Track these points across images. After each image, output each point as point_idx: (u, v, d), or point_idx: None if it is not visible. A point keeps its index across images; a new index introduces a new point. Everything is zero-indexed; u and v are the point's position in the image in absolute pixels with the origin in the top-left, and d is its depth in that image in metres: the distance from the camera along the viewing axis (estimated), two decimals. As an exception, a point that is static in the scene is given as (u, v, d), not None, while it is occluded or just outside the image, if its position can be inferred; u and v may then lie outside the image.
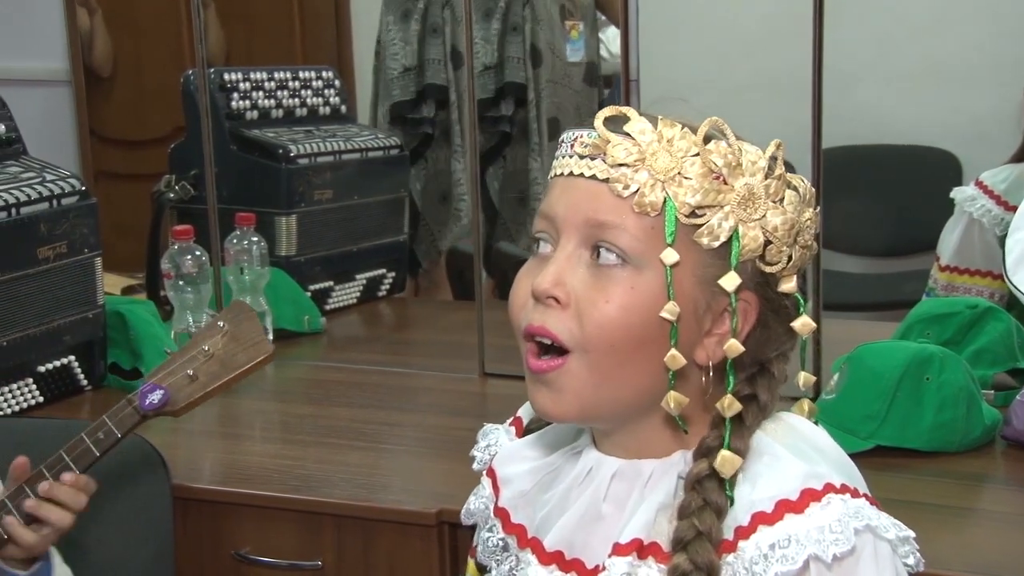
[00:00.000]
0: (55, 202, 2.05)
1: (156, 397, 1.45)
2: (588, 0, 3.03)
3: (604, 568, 1.06)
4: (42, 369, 2.08)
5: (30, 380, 2.06)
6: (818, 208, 1.10)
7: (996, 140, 2.25)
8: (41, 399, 2.07)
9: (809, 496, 1.01)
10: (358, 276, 2.72)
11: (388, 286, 2.79)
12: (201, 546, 1.78)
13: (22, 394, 2.05)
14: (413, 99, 3.09)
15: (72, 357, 2.12)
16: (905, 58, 2.44)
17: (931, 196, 2.30)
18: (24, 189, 2.03)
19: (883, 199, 2.51)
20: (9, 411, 2.02)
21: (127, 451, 1.73)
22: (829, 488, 1.02)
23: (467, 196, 3.06)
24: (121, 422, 1.46)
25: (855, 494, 1.03)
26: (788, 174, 1.07)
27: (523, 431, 1.24)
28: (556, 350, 1.06)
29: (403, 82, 3.11)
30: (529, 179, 3.09)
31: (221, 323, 1.48)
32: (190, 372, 1.45)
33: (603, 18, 3.16)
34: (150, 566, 1.74)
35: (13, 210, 1.99)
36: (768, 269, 1.06)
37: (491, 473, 1.22)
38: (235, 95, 2.59)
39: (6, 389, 2.03)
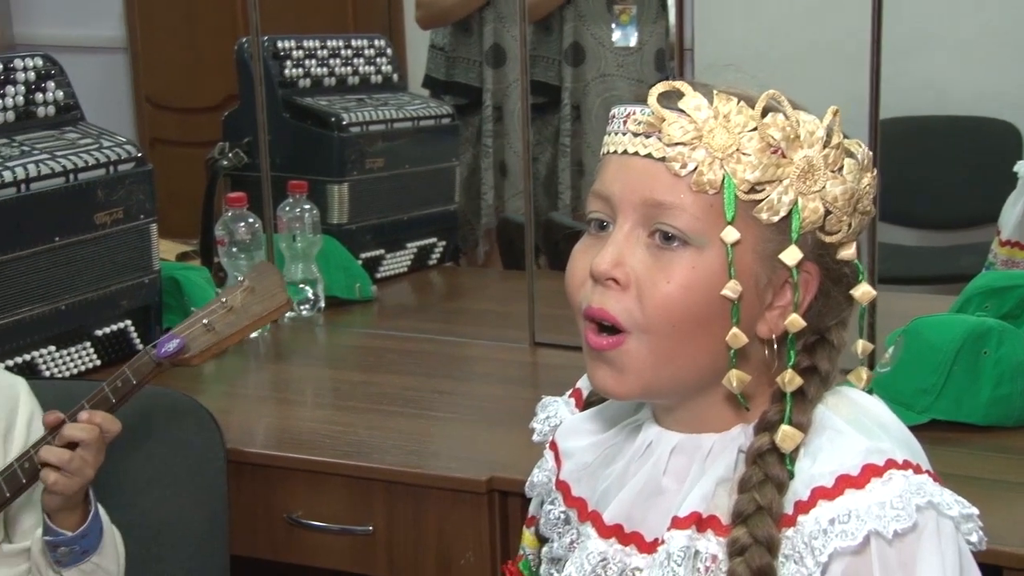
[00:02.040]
0: (112, 168, 2.07)
1: (171, 346, 1.46)
2: None
3: (663, 541, 1.06)
4: (99, 333, 2.10)
5: (88, 344, 2.08)
6: (875, 171, 1.09)
7: None
8: (99, 362, 2.09)
9: (871, 471, 1.00)
10: (409, 245, 2.73)
11: (438, 255, 2.80)
12: (254, 509, 1.80)
13: (80, 357, 2.07)
14: (444, 81, 3.08)
15: (128, 321, 2.14)
16: (967, 27, 2.39)
17: (991, 168, 2.27)
18: (82, 155, 2.05)
19: (941, 171, 2.48)
20: (67, 373, 2.04)
21: (182, 415, 1.78)
22: (891, 464, 1.01)
23: (491, 190, 3.06)
24: (138, 370, 1.48)
25: (917, 470, 1.02)
26: (845, 140, 1.06)
27: (583, 404, 1.24)
28: (615, 327, 1.05)
29: (434, 61, 3.10)
30: (557, 183, 3.06)
31: (244, 280, 1.51)
32: (206, 322, 1.48)
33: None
34: (204, 528, 1.75)
35: (71, 176, 2.01)
36: (828, 239, 1.05)
37: (553, 446, 1.22)
38: (288, 63, 2.60)
39: (65, 352, 2.05)
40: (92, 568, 1.52)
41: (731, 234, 1.01)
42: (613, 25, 2.95)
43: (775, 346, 1.06)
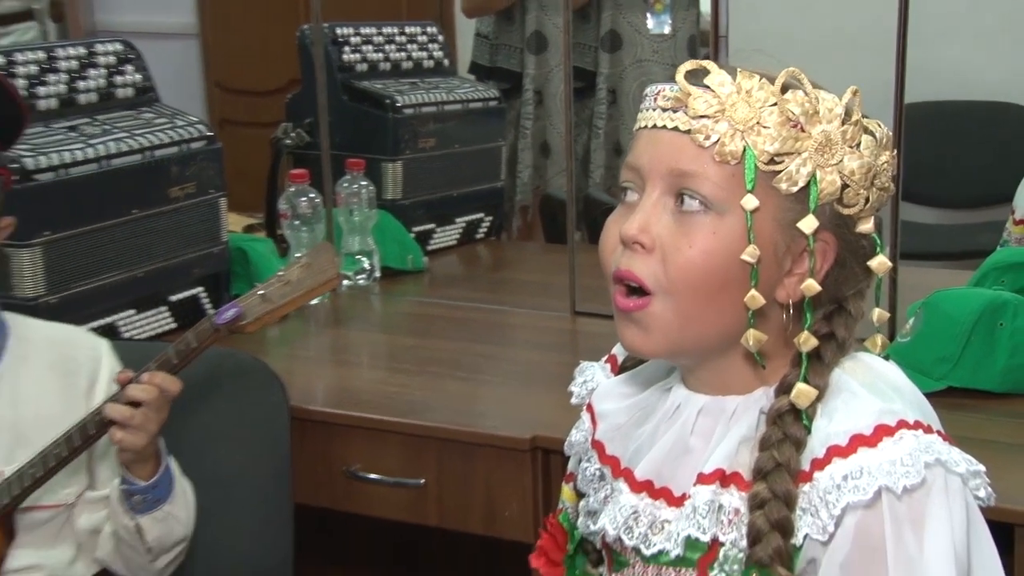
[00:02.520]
0: (184, 146, 2.09)
1: (229, 314, 1.46)
2: None
3: (690, 496, 1.07)
4: (174, 298, 2.11)
5: (163, 308, 2.10)
6: (895, 151, 1.09)
7: None
8: (174, 325, 2.10)
9: (883, 431, 1.01)
10: (458, 219, 2.73)
11: (485, 229, 2.80)
12: (315, 463, 1.81)
13: (156, 321, 2.09)
14: (488, 66, 3.09)
15: (200, 288, 2.16)
16: (992, 15, 2.37)
17: (1010, 151, 2.25)
18: (157, 134, 2.06)
19: (961, 153, 2.46)
20: (145, 336, 2.06)
21: (250, 376, 1.79)
22: (902, 424, 1.01)
23: (529, 168, 3.06)
24: (198, 335, 1.47)
25: (927, 430, 1.02)
26: (865, 119, 1.06)
27: (618, 369, 1.25)
28: (642, 290, 1.06)
29: (479, 48, 3.11)
30: (590, 163, 3.05)
31: (302, 257, 1.51)
32: (262, 293, 1.47)
33: None
34: (269, 481, 1.76)
35: (147, 153, 2.03)
36: (846, 211, 1.05)
37: (589, 408, 1.22)
38: (346, 49, 2.60)
39: (143, 316, 2.06)
40: (164, 515, 1.54)
41: (750, 201, 1.02)
42: (648, 13, 2.92)
43: (792, 311, 1.06)
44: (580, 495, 1.23)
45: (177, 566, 1.62)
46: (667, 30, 2.97)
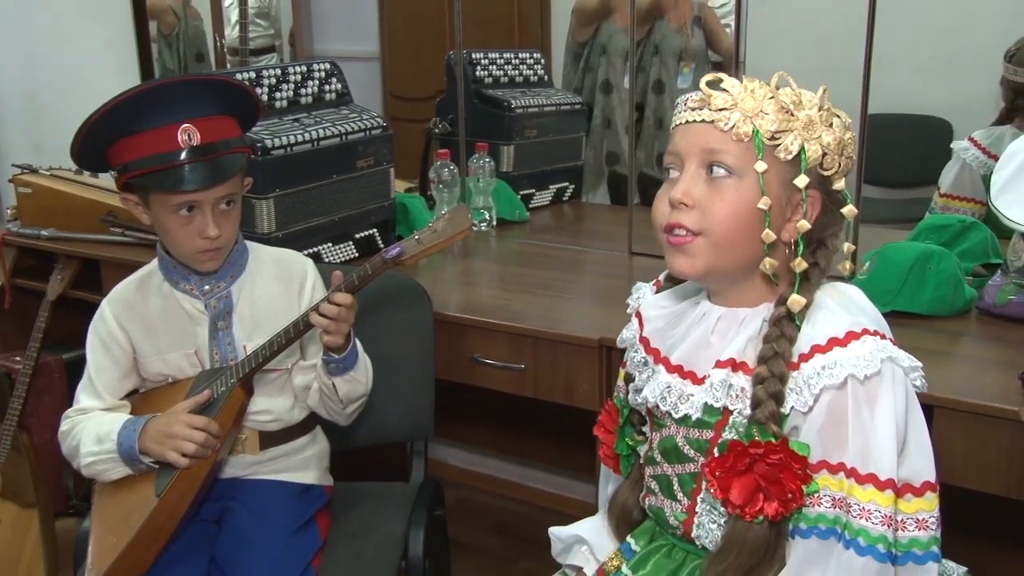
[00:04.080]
0: (368, 133, 2.10)
1: (394, 251, 1.44)
2: (700, 48, 2.89)
3: (709, 376, 1.07)
4: (357, 236, 2.13)
5: (350, 242, 2.12)
6: (854, 134, 1.08)
7: (980, 112, 2.21)
8: (356, 254, 2.12)
9: (851, 336, 1.01)
10: (550, 186, 2.71)
11: (569, 194, 2.78)
12: (449, 350, 1.82)
13: (345, 251, 2.11)
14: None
15: (375, 229, 2.17)
16: (926, 51, 2.36)
17: (934, 150, 2.29)
18: (350, 124, 2.08)
19: (902, 150, 2.44)
20: (338, 261, 2.08)
21: (407, 291, 1.80)
22: (865, 332, 1.01)
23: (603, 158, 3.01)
24: (373, 264, 1.45)
25: (883, 337, 1.02)
26: (834, 108, 1.05)
27: (660, 288, 1.25)
28: (687, 233, 1.06)
29: (565, 78, 3.06)
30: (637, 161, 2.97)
31: (445, 213, 1.48)
32: (417, 238, 1.45)
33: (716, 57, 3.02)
34: (419, 362, 1.79)
35: (344, 137, 2.05)
36: (826, 173, 1.05)
37: (638, 314, 1.23)
38: (478, 67, 2.59)
39: (336, 247, 2.09)
40: (350, 378, 1.54)
41: (761, 166, 1.02)
42: (679, 74, 2.91)
43: (791, 247, 1.06)
44: (629, 378, 1.23)
45: (359, 413, 1.64)
46: (688, 85, 2.95)
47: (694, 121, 1.05)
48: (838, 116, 1.05)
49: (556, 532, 1.30)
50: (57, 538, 2.43)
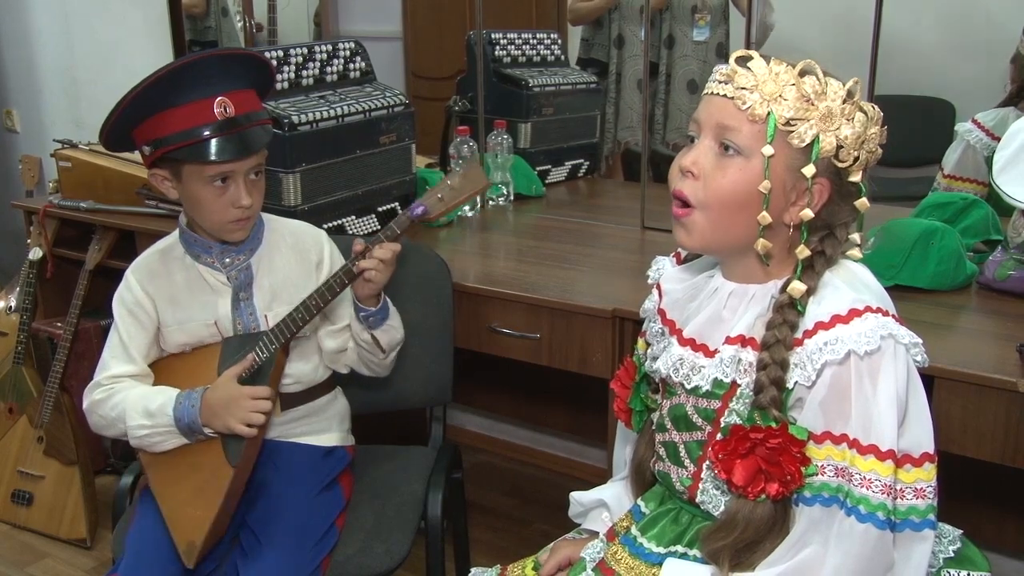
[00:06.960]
0: (391, 110, 2.09)
1: (418, 209, 1.42)
2: (718, 1, 2.83)
3: (719, 350, 1.07)
4: (380, 209, 2.13)
5: (372, 215, 2.11)
6: (884, 127, 1.05)
7: (984, 94, 2.17)
8: (378, 227, 2.11)
9: (854, 313, 1.00)
10: (566, 162, 2.69)
11: (585, 169, 2.76)
12: (468, 319, 1.82)
13: (368, 223, 2.10)
14: (585, 59, 3.01)
15: (397, 203, 2.16)
16: (932, 35, 2.32)
17: (939, 131, 2.26)
18: (374, 101, 2.06)
19: (909, 130, 2.41)
20: (362, 233, 2.08)
21: (428, 261, 1.80)
22: (868, 309, 1.00)
23: (613, 128, 2.98)
24: (399, 223, 1.43)
25: (885, 314, 1.01)
26: (861, 102, 1.03)
27: (681, 261, 1.24)
28: (687, 204, 1.05)
29: (581, 47, 3.02)
30: (654, 124, 2.95)
31: (459, 169, 1.46)
32: (439, 196, 1.43)
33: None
34: (439, 329, 1.79)
35: (367, 113, 2.03)
36: (840, 165, 1.03)
37: (658, 287, 1.22)
38: (497, 47, 2.56)
39: (359, 220, 2.08)
40: (388, 327, 1.53)
41: (768, 150, 1.00)
42: (694, 26, 2.85)
43: (795, 231, 1.04)
44: (648, 345, 1.23)
45: (395, 361, 1.62)
46: (704, 38, 2.89)
47: (718, 94, 1.03)
48: (863, 111, 1.02)
49: (577, 496, 1.31)
50: (97, 493, 2.47)
